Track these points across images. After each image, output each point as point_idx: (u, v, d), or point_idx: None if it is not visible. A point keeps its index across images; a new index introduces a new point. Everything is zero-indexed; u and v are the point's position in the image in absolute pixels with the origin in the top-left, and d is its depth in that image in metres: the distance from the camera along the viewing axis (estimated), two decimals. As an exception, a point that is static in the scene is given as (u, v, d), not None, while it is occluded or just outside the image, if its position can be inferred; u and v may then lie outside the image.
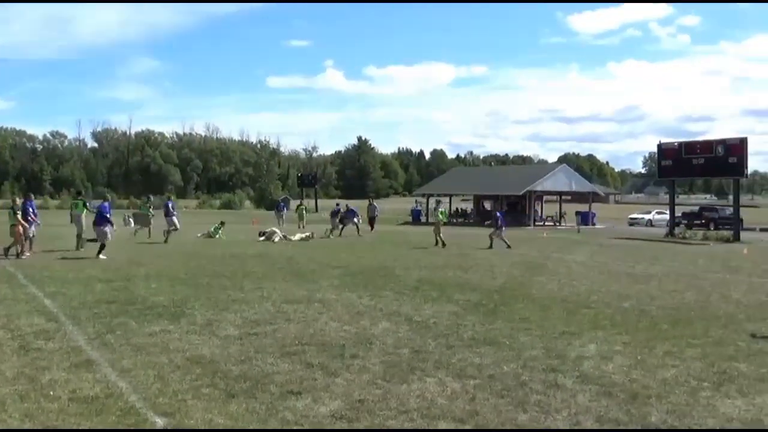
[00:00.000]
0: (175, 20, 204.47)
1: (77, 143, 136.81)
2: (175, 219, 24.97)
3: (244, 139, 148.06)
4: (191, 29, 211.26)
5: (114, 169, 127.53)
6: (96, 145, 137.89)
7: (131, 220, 37.81)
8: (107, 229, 18.83)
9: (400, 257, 20.06)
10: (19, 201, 19.75)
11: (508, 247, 24.12)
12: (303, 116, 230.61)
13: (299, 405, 5.84)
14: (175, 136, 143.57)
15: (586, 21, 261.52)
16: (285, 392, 6.20)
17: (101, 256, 17.90)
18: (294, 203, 55.52)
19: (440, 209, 26.72)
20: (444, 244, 24.30)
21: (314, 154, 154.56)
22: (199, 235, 27.97)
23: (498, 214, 26.99)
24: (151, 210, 28.17)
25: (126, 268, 15.58)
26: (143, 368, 6.93)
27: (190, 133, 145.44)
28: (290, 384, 6.46)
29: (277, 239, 25.76)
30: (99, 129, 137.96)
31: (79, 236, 20.95)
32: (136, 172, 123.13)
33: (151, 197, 33.11)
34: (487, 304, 11.42)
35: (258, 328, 9.04)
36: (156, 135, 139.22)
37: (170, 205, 26.01)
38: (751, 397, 6.10)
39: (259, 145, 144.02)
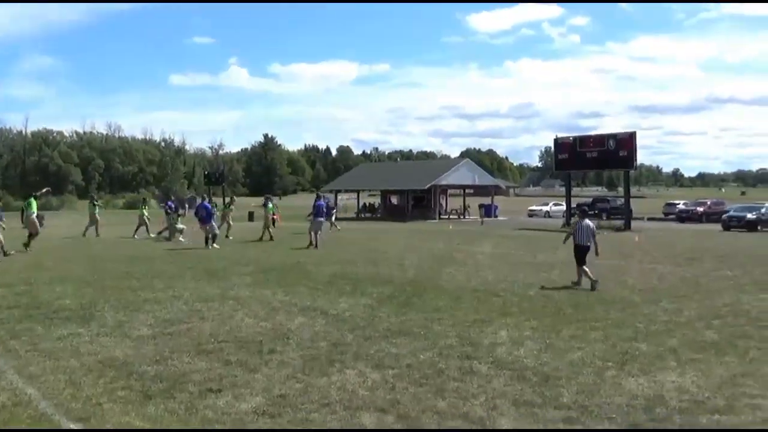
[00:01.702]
0: (70, 16, 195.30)
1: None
2: (214, 223, 23.42)
3: (148, 138, 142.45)
4: (88, 26, 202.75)
5: (9, 170, 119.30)
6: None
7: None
8: (214, 223, 22.60)
9: (312, 253, 20.03)
10: None
11: (315, 246, 21.51)
12: (207, 114, 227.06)
13: (220, 402, 5.80)
14: (74, 135, 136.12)
15: (484, 21, 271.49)
16: (204, 390, 6.13)
17: (215, 245, 21.32)
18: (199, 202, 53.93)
19: (269, 205, 27.53)
20: (272, 238, 24.86)
21: (221, 152, 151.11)
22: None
23: (318, 203, 23.12)
24: (97, 209, 28.65)
25: (27, 272, 14.77)
26: (53, 373, 6.67)
27: (91, 132, 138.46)
28: (209, 382, 6.39)
29: (182, 238, 25.04)
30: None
31: (31, 236, 20.41)
32: (34, 173, 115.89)
33: (95, 196, 34.50)
34: (400, 296, 11.62)
35: (172, 328, 8.85)
36: (54, 134, 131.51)
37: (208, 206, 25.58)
38: (653, 375, 6.56)
39: (163, 144, 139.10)
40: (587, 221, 13.84)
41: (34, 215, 21.00)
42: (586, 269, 13.05)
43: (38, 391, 6.10)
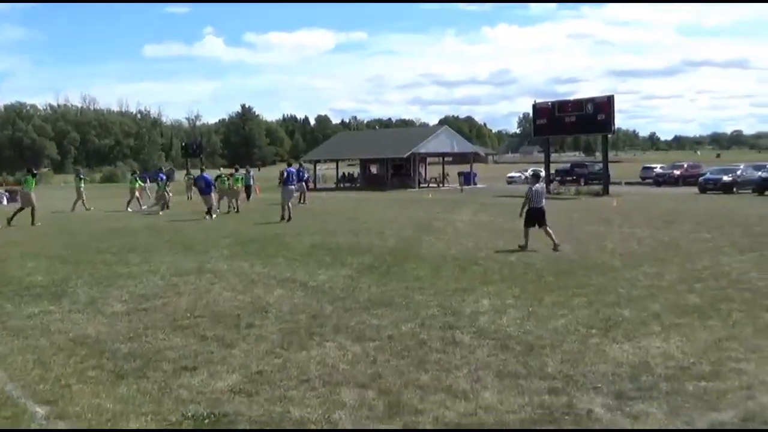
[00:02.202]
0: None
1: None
2: (213, 195, 23.73)
3: (124, 110, 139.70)
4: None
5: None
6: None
7: (4, 196, 36.16)
8: (213, 195, 23.33)
9: (290, 224, 19.77)
10: None
11: (288, 219, 20.25)
12: (183, 85, 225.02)
13: (195, 381, 5.61)
14: (48, 108, 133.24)
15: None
16: (179, 368, 5.93)
17: (213, 216, 21.87)
18: (179, 174, 53.49)
19: (237, 176, 27.36)
20: (237, 210, 24.82)
21: (198, 123, 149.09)
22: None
23: (288, 170, 22.12)
24: (83, 183, 28.82)
25: (-2, 248, 14.42)
26: (21, 353, 6.43)
27: (65, 105, 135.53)
28: (184, 359, 6.19)
29: (161, 212, 24.78)
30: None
31: (21, 210, 20.87)
32: (8, 147, 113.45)
33: (80, 169, 34.94)
34: (381, 266, 11.46)
35: (147, 303, 8.62)
36: (28, 107, 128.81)
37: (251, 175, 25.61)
38: (637, 341, 6.45)
39: (139, 116, 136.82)
40: (540, 184, 14.57)
41: (31, 192, 21.21)
42: (549, 230, 13.58)
43: (5, 372, 5.87)
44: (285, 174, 21.70)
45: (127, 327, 7.40)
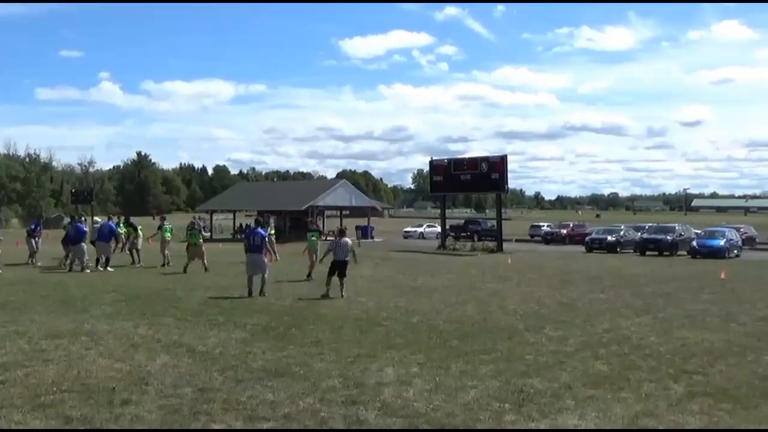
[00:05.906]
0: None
1: None
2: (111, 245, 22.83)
3: (11, 153, 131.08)
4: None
5: None
6: None
7: None
8: (111, 244, 22.73)
9: (182, 278, 18.66)
10: None
11: (259, 293, 14.77)
12: (77, 130, 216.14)
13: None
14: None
15: (357, 46, 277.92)
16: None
17: (109, 268, 21.10)
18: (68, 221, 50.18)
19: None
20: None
21: (91, 169, 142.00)
22: None
23: (254, 231, 15.97)
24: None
25: None
26: None
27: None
28: (43, 448, 5.26)
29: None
30: None
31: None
32: None
33: None
34: (277, 327, 10.76)
35: (6, 374, 7.49)
36: None
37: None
38: (553, 418, 6.04)
39: (28, 159, 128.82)
40: (345, 239, 15.56)
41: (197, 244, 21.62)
42: (345, 282, 14.93)
43: None
44: (251, 236, 15.87)
45: (-23, 405, 6.32)
